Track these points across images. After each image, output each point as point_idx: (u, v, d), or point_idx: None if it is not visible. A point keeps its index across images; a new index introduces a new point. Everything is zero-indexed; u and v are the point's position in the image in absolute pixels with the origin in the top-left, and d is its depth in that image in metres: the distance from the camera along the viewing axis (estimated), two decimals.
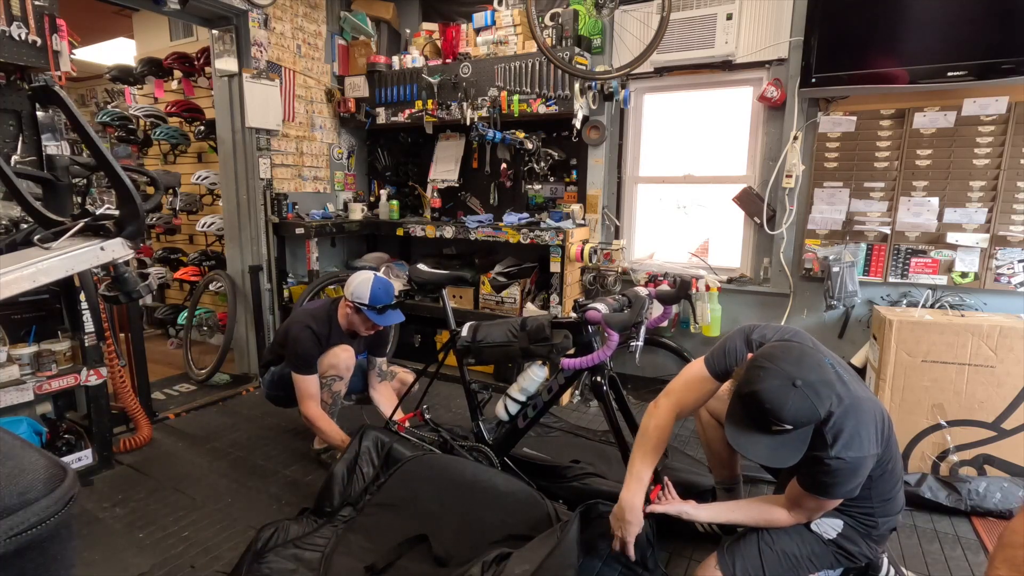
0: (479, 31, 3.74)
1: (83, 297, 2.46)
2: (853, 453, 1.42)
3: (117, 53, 5.55)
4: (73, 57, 2.56)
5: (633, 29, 3.33)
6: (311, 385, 2.49)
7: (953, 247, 2.78)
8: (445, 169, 4.11)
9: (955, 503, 2.29)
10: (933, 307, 2.82)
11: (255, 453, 2.79)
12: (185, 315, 4.20)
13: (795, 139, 3.01)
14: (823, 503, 1.56)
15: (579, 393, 3.52)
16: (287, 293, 3.80)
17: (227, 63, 3.50)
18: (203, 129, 4.25)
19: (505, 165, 3.84)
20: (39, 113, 2.46)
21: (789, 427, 1.37)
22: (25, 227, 2.16)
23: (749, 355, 1.54)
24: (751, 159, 3.29)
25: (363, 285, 2.45)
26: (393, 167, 4.38)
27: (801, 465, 1.45)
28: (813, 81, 2.82)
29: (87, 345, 2.49)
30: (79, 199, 2.53)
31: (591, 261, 3.40)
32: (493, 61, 3.58)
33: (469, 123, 3.64)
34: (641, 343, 1.92)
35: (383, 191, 4.22)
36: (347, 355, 2.54)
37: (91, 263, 1.22)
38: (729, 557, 1.61)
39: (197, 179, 4.42)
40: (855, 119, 2.91)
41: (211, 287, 4.06)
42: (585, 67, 3.35)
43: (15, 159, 2.38)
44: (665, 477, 1.84)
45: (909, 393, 2.50)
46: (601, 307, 1.90)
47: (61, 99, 1.18)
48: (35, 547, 0.65)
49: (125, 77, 4.48)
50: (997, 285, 2.74)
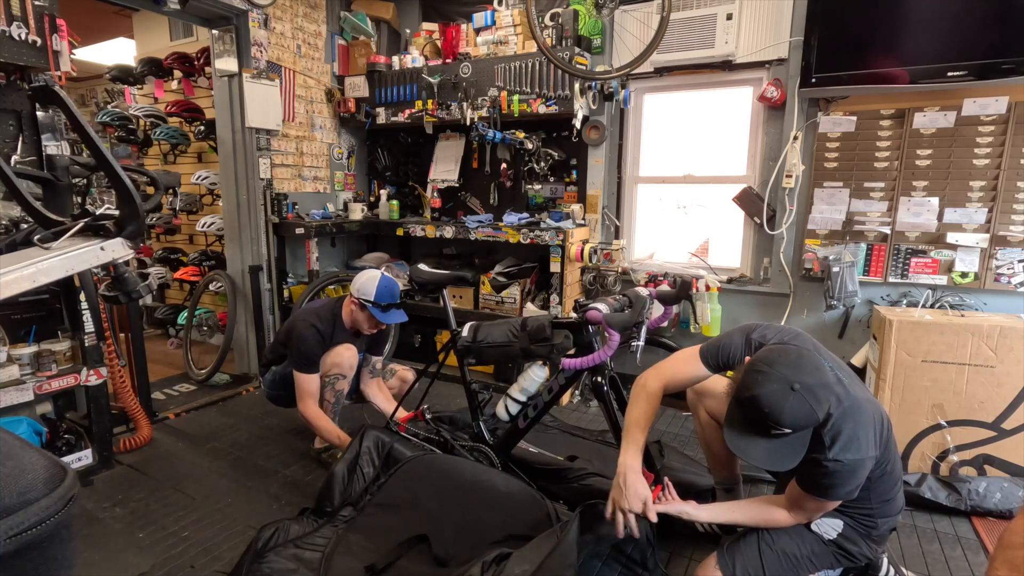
0: (479, 31, 3.74)
1: (83, 297, 2.46)
2: (851, 455, 1.42)
3: (117, 53, 5.55)
4: (73, 57, 2.56)
5: (633, 29, 3.33)
6: (311, 384, 2.49)
7: (953, 247, 2.78)
8: (445, 169, 4.11)
9: (955, 503, 2.29)
10: (933, 307, 2.82)
11: (255, 453, 2.79)
12: (185, 315, 4.20)
13: (795, 139, 3.01)
14: (823, 504, 1.56)
15: (579, 393, 3.52)
16: (287, 293, 3.80)
17: (227, 63, 3.50)
18: (203, 129, 4.25)
19: (505, 165, 3.84)
20: (39, 113, 2.46)
21: (788, 431, 1.36)
22: (25, 227, 2.16)
23: (747, 358, 1.53)
24: (751, 159, 3.29)
25: (370, 282, 2.49)
26: (393, 167, 4.38)
27: (800, 467, 1.45)
28: (813, 81, 2.82)
29: (87, 345, 2.49)
30: (79, 199, 2.53)
31: (591, 261, 3.40)
32: (493, 61, 3.58)
33: (469, 123, 3.64)
34: (642, 343, 1.92)
35: (383, 191, 4.22)
36: (350, 354, 2.55)
37: (91, 263, 1.22)
38: (729, 557, 1.61)
39: (197, 179, 4.42)
40: (855, 119, 2.90)
41: (211, 287, 4.06)
42: (585, 67, 3.35)
43: (15, 159, 2.38)
44: (665, 477, 1.84)
45: (909, 393, 2.50)
46: (602, 307, 1.90)
47: (61, 99, 1.18)
48: (35, 547, 0.65)
49: (125, 77, 4.48)
50: (997, 285, 2.74)
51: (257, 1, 3.45)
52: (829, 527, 1.62)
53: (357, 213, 4.05)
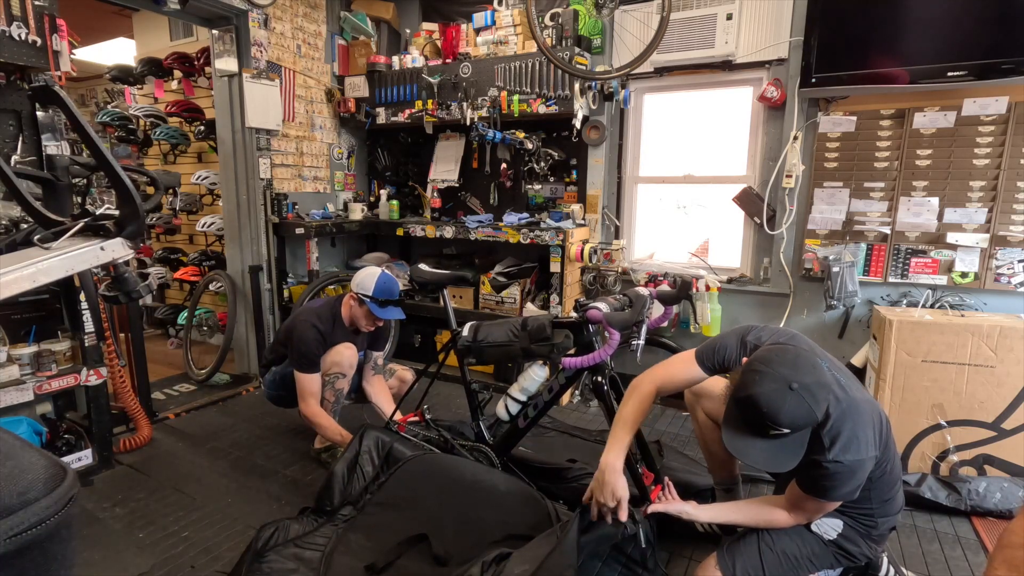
0: (479, 31, 3.74)
1: (83, 297, 2.46)
2: (851, 456, 1.42)
3: (117, 53, 5.55)
4: (73, 57, 2.56)
5: (633, 29, 3.33)
6: (312, 383, 2.50)
7: (953, 247, 2.78)
8: (445, 169, 4.11)
9: (955, 503, 2.29)
10: (933, 307, 2.82)
11: (255, 453, 2.79)
12: (185, 315, 4.20)
13: (795, 139, 3.01)
14: (823, 505, 1.56)
15: (579, 393, 3.52)
16: (287, 293, 3.80)
17: (227, 63, 3.50)
18: (203, 129, 4.25)
19: (505, 165, 3.84)
20: (39, 113, 2.46)
21: (786, 431, 1.36)
22: (25, 227, 2.16)
23: (744, 359, 1.53)
24: (751, 159, 3.29)
25: (369, 278, 2.51)
26: (393, 167, 4.38)
27: (800, 468, 1.44)
28: (813, 81, 2.82)
29: (87, 345, 2.49)
30: (79, 199, 2.52)
31: (591, 261, 3.40)
32: (493, 61, 3.58)
33: (469, 123, 3.64)
34: (642, 342, 1.92)
35: (383, 191, 4.22)
36: (350, 353, 2.56)
37: (91, 263, 1.22)
38: (729, 557, 1.61)
39: (197, 179, 4.42)
40: (855, 119, 2.90)
41: (211, 287, 4.06)
42: (585, 67, 3.35)
43: (15, 159, 2.38)
44: (665, 477, 1.84)
45: (909, 393, 2.50)
46: (602, 306, 1.90)
47: (61, 99, 1.18)
48: (35, 547, 0.65)
49: (125, 77, 4.48)
50: (997, 285, 2.73)
51: (257, 1, 3.45)
52: (829, 527, 1.62)
53: (357, 213, 4.05)
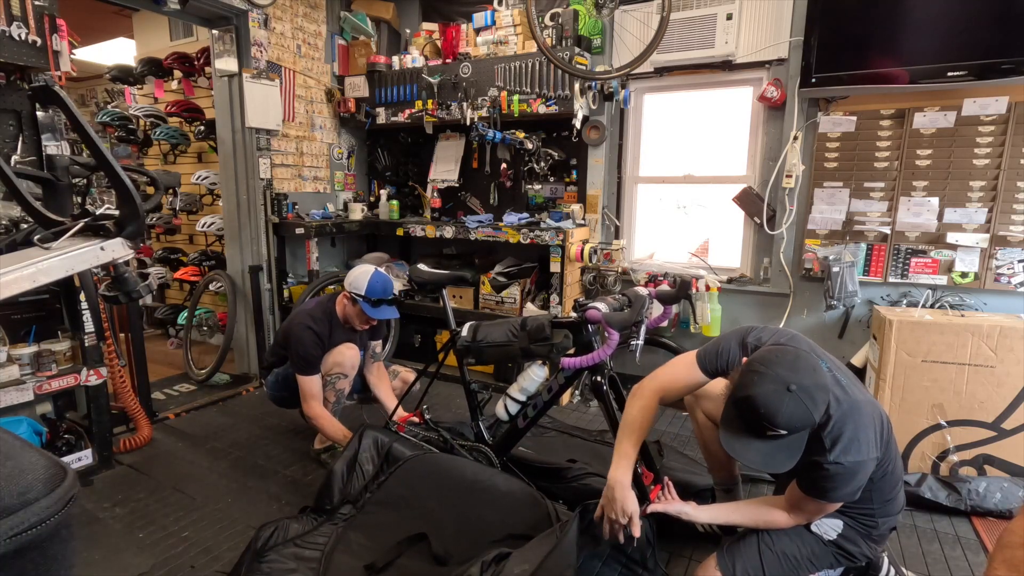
0: (479, 31, 3.74)
1: (83, 297, 2.46)
2: (852, 457, 1.42)
3: (117, 53, 5.55)
4: (73, 57, 2.56)
5: (633, 29, 3.33)
6: (314, 385, 2.50)
7: (953, 247, 2.78)
8: (445, 169, 4.11)
9: (955, 503, 2.29)
10: (933, 307, 2.82)
11: (255, 453, 2.79)
12: (185, 315, 4.20)
13: (795, 139, 3.01)
14: (823, 506, 1.55)
15: (579, 393, 3.52)
16: (287, 293, 3.80)
17: (227, 63, 3.50)
18: (203, 129, 4.25)
19: (505, 165, 3.84)
20: (39, 113, 2.46)
21: (784, 432, 1.35)
22: (25, 227, 2.16)
23: (744, 359, 1.53)
24: (751, 159, 3.29)
25: (362, 277, 2.50)
26: (393, 167, 4.38)
27: (801, 469, 1.44)
28: (813, 81, 2.82)
29: (87, 345, 2.49)
30: (79, 199, 2.52)
31: (591, 261, 3.40)
32: (493, 61, 3.58)
33: (469, 123, 3.64)
34: (642, 342, 1.92)
35: (383, 191, 4.22)
36: (352, 353, 2.56)
37: (91, 263, 1.22)
38: (729, 558, 1.61)
39: (197, 179, 4.42)
40: (855, 119, 2.90)
41: (211, 287, 4.06)
42: (585, 67, 3.35)
43: (15, 159, 2.38)
44: (665, 477, 1.84)
45: (909, 393, 2.50)
46: (601, 306, 1.90)
47: (61, 99, 1.18)
48: (35, 547, 0.65)
49: (125, 77, 4.48)
50: (997, 285, 2.73)
51: (257, 1, 3.45)
52: (829, 528, 1.62)
53: (357, 213, 4.05)
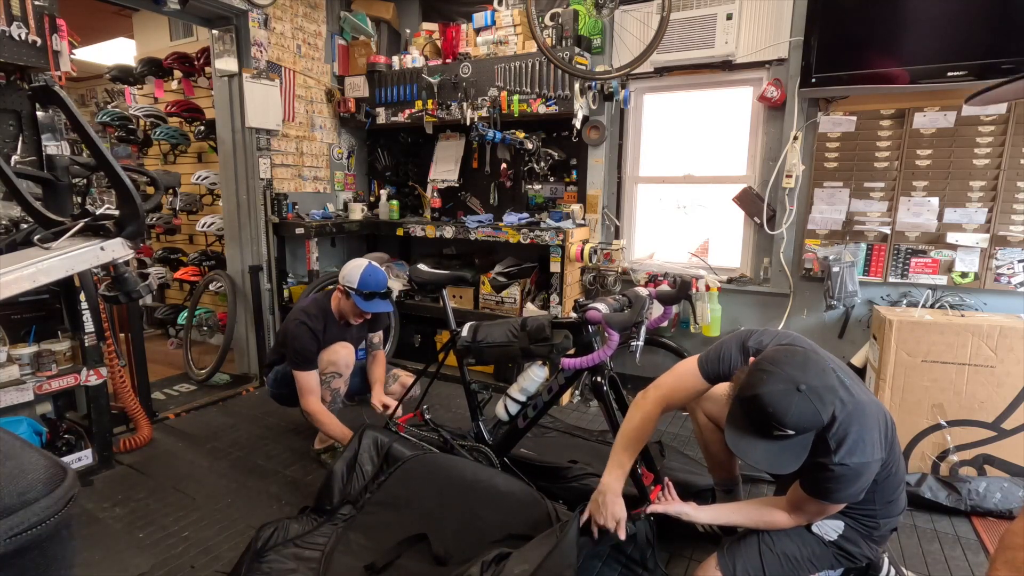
0: (479, 31, 3.74)
1: (83, 297, 2.46)
2: (857, 459, 1.41)
3: (117, 53, 5.55)
4: (73, 57, 2.56)
5: (633, 29, 3.33)
6: (311, 380, 2.51)
7: (953, 247, 2.78)
8: (445, 169, 4.11)
9: (955, 503, 2.29)
10: (933, 307, 2.82)
11: (255, 453, 2.79)
12: (185, 315, 4.20)
13: (795, 139, 3.01)
14: (825, 507, 1.55)
15: (579, 393, 3.52)
16: (287, 293, 3.80)
17: (227, 63, 3.50)
18: (203, 129, 4.25)
19: (505, 165, 3.84)
20: (39, 113, 2.46)
21: (791, 432, 1.34)
22: (25, 227, 2.16)
23: (751, 359, 1.51)
24: (751, 159, 3.29)
25: (355, 270, 2.51)
26: (393, 167, 4.38)
27: (804, 470, 1.43)
28: (813, 81, 2.82)
29: (87, 345, 2.49)
30: (79, 199, 2.53)
31: (591, 261, 3.40)
32: (493, 61, 3.58)
33: (469, 123, 3.64)
34: (642, 343, 1.92)
35: (383, 191, 4.22)
36: (346, 352, 2.56)
37: (91, 263, 1.22)
38: (729, 558, 1.61)
39: (197, 179, 4.42)
40: (855, 119, 2.90)
41: (211, 287, 4.06)
42: (585, 67, 3.35)
43: (15, 159, 2.38)
44: (666, 477, 1.84)
45: (909, 393, 2.50)
46: (602, 307, 1.90)
47: (61, 99, 1.18)
48: (35, 547, 0.65)
49: (125, 77, 4.48)
50: (997, 285, 2.73)
51: (257, 1, 3.45)
52: (830, 528, 1.62)
53: (357, 213, 4.05)
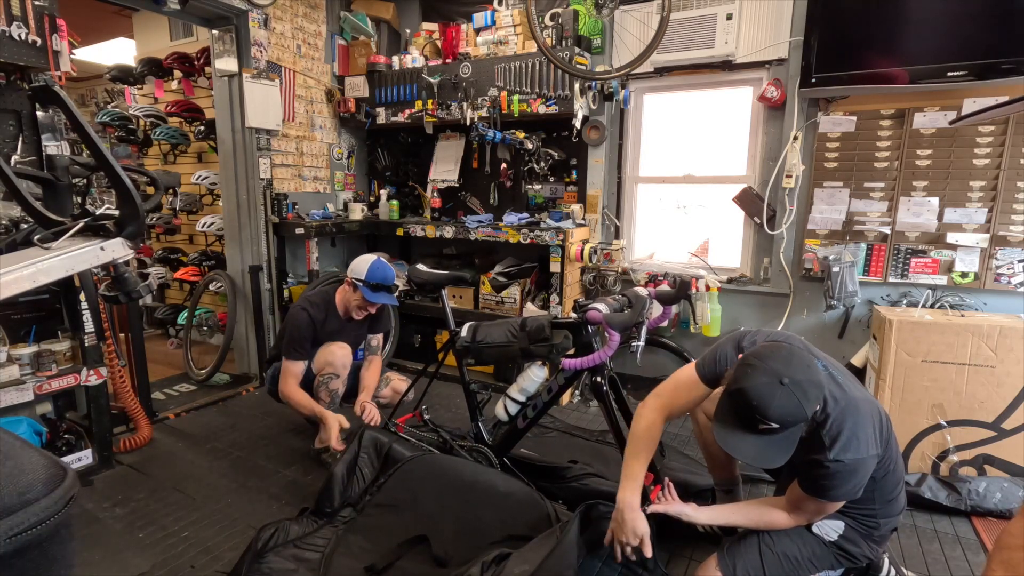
0: (479, 31, 3.74)
1: (83, 297, 2.46)
2: (852, 455, 1.42)
3: (117, 53, 5.55)
4: (73, 57, 2.56)
5: (633, 29, 3.33)
6: (295, 367, 2.57)
7: (953, 247, 2.78)
8: (445, 169, 4.11)
9: (955, 503, 2.29)
10: (933, 307, 2.82)
11: (255, 453, 2.79)
12: (185, 315, 4.20)
13: (795, 139, 3.01)
14: (824, 506, 1.55)
15: (579, 393, 3.52)
16: (287, 293, 3.80)
17: (227, 63, 3.50)
18: (203, 129, 4.24)
19: (505, 165, 3.84)
20: (39, 113, 2.46)
21: (776, 426, 1.36)
22: (25, 227, 2.16)
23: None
24: (751, 159, 3.29)
25: (363, 263, 2.56)
26: (393, 167, 4.38)
27: (801, 468, 1.44)
28: (813, 81, 2.82)
29: (87, 345, 2.49)
30: (79, 199, 2.52)
31: (591, 261, 3.40)
32: (493, 61, 3.58)
33: (469, 123, 3.63)
34: (642, 343, 1.92)
35: (383, 191, 4.22)
36: (343, 353, 2.57)
37: (91, 263, 1.22)
38: (729, 558, 1.61)
39: (197, 179, 4.42)
40: (855, 119, 2.90)
41: (211, 287, 4.06)
42: (585, 67, 3.35)
43: (15, 159, 2.38)
44: (666, 478, 1.84)
45: (909, 393, 2.50)
46: (602, 307, 1.90)
47: (61, 99, 1.18)
48: (35, 547, 0.65)
49: (125, 77, 4.48)
50: (997, 285, 2.73)
51: (257, 1, 3.45)
52: (830, 528, 1.62)
53: (357, 213, 4.05)
